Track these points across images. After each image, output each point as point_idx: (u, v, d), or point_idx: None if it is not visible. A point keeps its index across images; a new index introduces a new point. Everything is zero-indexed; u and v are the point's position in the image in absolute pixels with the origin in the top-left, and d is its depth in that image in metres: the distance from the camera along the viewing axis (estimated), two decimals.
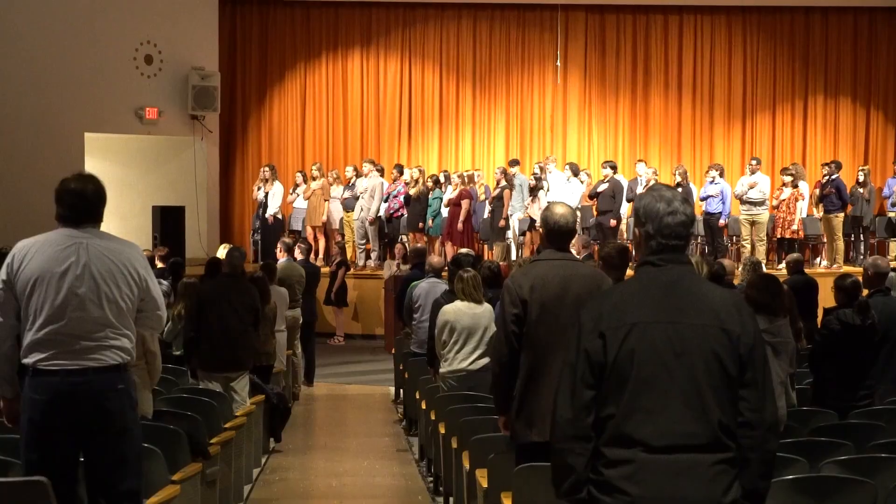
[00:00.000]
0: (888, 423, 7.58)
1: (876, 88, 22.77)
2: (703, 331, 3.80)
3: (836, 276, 9.13)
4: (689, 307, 3.84)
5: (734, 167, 22.08)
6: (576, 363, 3.85)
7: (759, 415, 3.80)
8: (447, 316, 9.16)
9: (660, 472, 3.70)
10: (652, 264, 3.95)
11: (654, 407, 3.74)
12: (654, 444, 3.71)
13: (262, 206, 20.13)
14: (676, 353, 3.77)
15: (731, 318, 3.84)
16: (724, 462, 3.76)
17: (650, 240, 3.97)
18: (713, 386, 3.77)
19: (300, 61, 22.78)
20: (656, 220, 3.95)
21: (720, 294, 3.97)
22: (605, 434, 3.78)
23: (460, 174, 19.90)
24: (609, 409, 3.79)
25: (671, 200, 3.98)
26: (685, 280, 3.93)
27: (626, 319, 3.82)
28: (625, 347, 3.78)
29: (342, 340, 18.93)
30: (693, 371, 3.76)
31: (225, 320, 9.72)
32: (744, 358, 3.81)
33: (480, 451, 6.89)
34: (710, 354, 3.78)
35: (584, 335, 3.86)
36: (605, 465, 3.77)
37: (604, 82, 22.82)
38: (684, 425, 3.73)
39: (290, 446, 11.32)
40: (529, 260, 8.61)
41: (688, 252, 4.11)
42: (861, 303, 8.53)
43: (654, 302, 3.85)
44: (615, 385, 3.78)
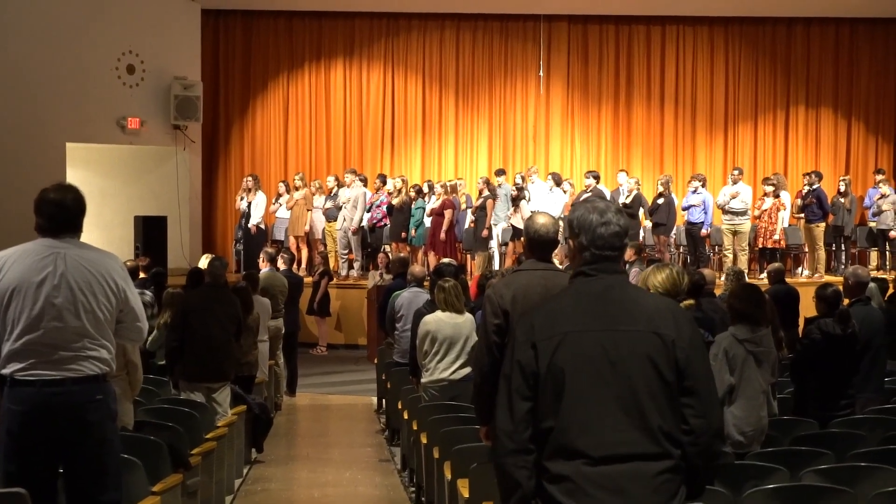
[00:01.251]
0: (869, 432, 7.62)
1: (857, 99, 22.87)
2: (636, 337, 3.79)
3: (817, 286, 9.15)
4: (621, 314, 3.83)
5: (716, 177, 22.14)
6: (510, 375, 3.84)
7: (703, 421, 3.78)
8: (428, 326, 9.17)
9: (602, 485, 3.67)
10: (584, 274, 3.94)
11: (591, 417, 3.72)
12: (595, 455, 3.68)
13: (244, 216, 20.09)
14: (611, 360, 3.76)
15: (665, 323, 3.83)
16: (667, 471, 3.73)
17: (584, 251, 3.96)
18: (650, 392, 3.75)
19: (283, 71, 22.77)
20: (589, 231, 3.94)
21: (654, 301, 3.99)
22: (547, 448, 3.76)
23: (443, 184, 19.89)
24: (548, 422, 3.76)
25: (604, 212, 3.97)
26: (617, 288, 3.92)
27: (558, 329, 3.80)
28: (557, 357, 3.76)
29: (325, 350, 18.90)
30: (629, 378, 3.75)
31: (207, 330, 9.72)
32: (681, 364, 3.79)
33: (462, 461, 6.88)
34: (645, 360, 3.76)
35: (518, 347, 3.84)
36: (548, 480, 3.74)
37: (586, 92, 22.86)
38: (624, 434, 3.71)
39: (272, 457, 11.28)
40: (511, 270, 8.61)
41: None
42: (842, 312, 8.55)
43: (586, 311, 3.84)
44: (551, 396, 3.76)
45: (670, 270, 6.41)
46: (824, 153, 22.78)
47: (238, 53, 22.72)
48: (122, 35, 19.93)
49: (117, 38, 19.86)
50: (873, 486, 5.97)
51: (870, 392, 9.12)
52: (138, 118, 20.03)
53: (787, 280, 14.24)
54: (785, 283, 13.66)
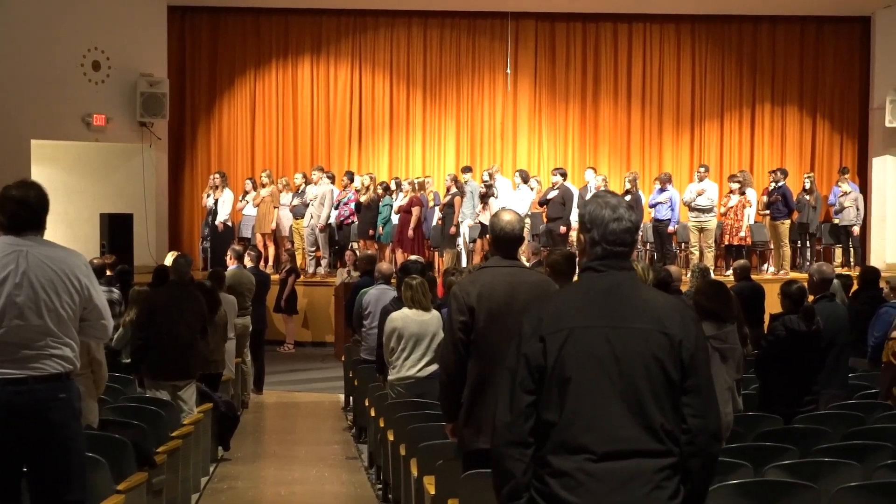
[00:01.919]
0: (832, 428, 7.66)
1: (822, 97, 22.99)
2: (643, 335, 3.78)
3: (782, 283, 9.19)
4: (629, 311, 3.83)
5: (683, 174, 22.21)
6: (516, 368, 3.82)
7: (702, 420, 3.78)
8: (395, 323, 9.17)
9: (604, 481, 3.67)
10: (594, 270, 3.93)
11: (595, 413, 3.72)
12: (598, 450, 3.68)
13: (211, 213, 20.03)
14: (617, 357, 3.75)
15: (672, 322, 3.83)
16: (668, 468, 3.74)
17: (595, 245, 3.95)
18: (654, 391, 3.75)
19: (250, 68, 22.69)
20: (601, 226, 3.94)
21: (662, 299, 3.98)
22: (549, 442, 3.75)
23: (411, 181, 19.88)
24: (551, 416, 3.75)
25: (616, 207, 3.97)
26: (626, 285, 3.92)
27: (566, 324, 3.79)
28: (564, 352, 3.75)
29: (292, 348, 18.85)
30: (634, 376, 3.75)
31: (173, 328, 9.68)
32: (686, 363, 3.80)
33: (428, 458, 6.89)
34: (651, 359, 3.76)
35: (525, 339, 3.82)
36: (550, 474, 3.73)
37: (554, 90, 22.90)
38: (627, 430, 3.71)
39: (238, 454, 11.26)
40: (477, 267, 8.62)
41: (632, 259, 4.12)
42: (806, 309, 8.60)
43: (594, 306, 3.83)
44: (556, 391, 3.75)
45: (636, 266, 6.43)
46: (790, 151, 22.90)
47: (204, 50, 22.63)
48: (88, 31, 19.83)
49: (83, 34, 19.76)
50: (836, 481, 6.00)
51: (834, 388, 9.18)
52: (104, 115, 19.93)
53: (752, 277, 14.31)
54: (750, 279, 13.72)
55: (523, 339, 3.84)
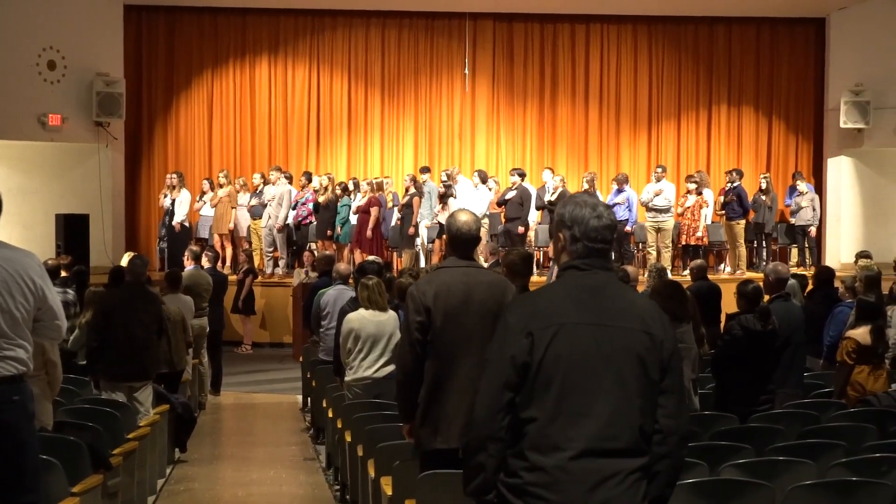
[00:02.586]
0: (787, 426, 7.71)
1: (778, 98, 23.15)
2: (630, 334, 3.82)
3: (738, 283, 9.25)
4: (615, 311, 3.86)
5: (640, 175, 22.31)
6: (499, 363, 3.82)
7: (675, 422, 3.83)
8: (352, 324, 9.17)
9: (580, 480, 3.69)
10: (577, 268, 3.94)
11: (580, 410, 3.73)
12: (578, 448, 3.70)
13: (168, 213, 19.95)
14: (604, 355, 3.78)
15: (654, 323, 3.87)
16: (641, 469, 3.78)
17: (576, 242, 3.96)
18: (638, 391, 3.79)
19: (207, 68, 22.58)
20: (582, 223, 3.95)
21: (643, 300, 4.04)
22: (528, 437, 3.76)
23: (369, 181, 19.88)
24: (532, 412, 3.76)
25: (596, 206, 4.00)
26: (611, 285, 3.95)
27: (555, 319, 3.80)
28: (552, 348, 3.76)
29: (250, 349, 18.80)
30: (620, 375, 3.77)
31: (129, 329, 9.64)
32: (665, 364, 3.84)
33: (385, 459, 6.89)
34: (635, 358, 3.80)
35: (511, 335, 3.82)
36: (526, 469, 3.74)
37: (512, 90, 22.93)
38: (609, 429, 3.73)
39: (195, 456, 11.20)
40: (434, 267, 8.62)
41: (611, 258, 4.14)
42: (762, 309, 8.66)
43: (582, 304, 3.85)
44: (540, 387, 3.76)
45: None
46: (746, 151, 23.04)
47: (161, 50, 22.49)
48: (43, 31, 19.65)
49: (38, 33, 19.58)
50: (791, 480, 6.05)
51: (790, 387, 9.25)
52: (59, 115, 19.77)
53: (709, 277, 14.41)
54: (707, 279, 13.80)
55: (509, 334, 3.84)
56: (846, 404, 8.92)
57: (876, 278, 10.91)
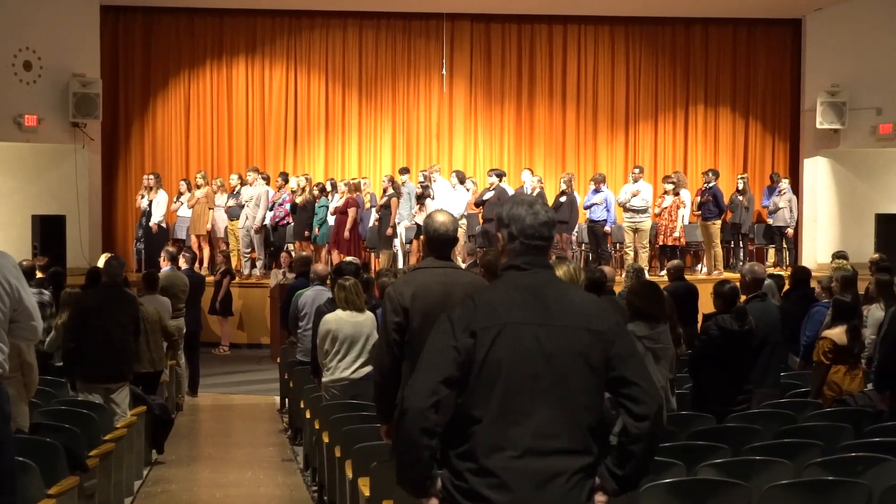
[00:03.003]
0: (764, 426, 7.74)
1: (754, 98, 23.23)
2: (572, 333, 3.82)
3: (715, 283, 9.27)
4: (557, 310, 3.86)
5: (617, 175, 22.36)
6: (438, 359, 3.80)
7: (645, 406, 3.82)
8: (329, 325, 9.16)
9: (526, 480, 3.69)
10: (518, 268, 3.95)
11: (523, 410, 3.74)
12: (523, 447, 3.71)
13: (145, 214, 19.89)
14: (546, 355, 3.78)
15: (598, 319, 3.88)
16: (586, 468, 3.79)
17: (513, 241, 3.97)
18: (581, 389, 3.80)
19: (184, 69, 22.51)
20: (519, 221, 3.97)
21: (586, 297, 4.04)
22: (474, 438, 3.76)
23: (347, 182, 19.86)
24: (476, 412, 3.76)
25: (533, 203, 4.01)
26: (552, 284, 3.96)
27: (499, 320, 3.80)
28: (494, 348, 3.76)
29: (227, 350, 18.75)
30: (562, 374, 3.78)
31: (106, 331, 9.60)
32: (614, 359, 3.84)
33: (363, 460, 6.89)
34: (578, 357, 3.80)
35: (455, 332, 3.81)
36: (472, 472, 3.74)
37: (489, 91, 22.94)
38: (553, 428, 3.74)
39: (172, 458, 11.16)
40: (412, 268, 8.63)
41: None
42: (739, 309, 8.68)
43: (523, 304, 3.85)
44: (484, 387, 3.76)
45: (567, 267, 6.47)
46: (723, 152, 23.12)
47: (138, 50, 22.41)
48: (19, 31, 19.55)
49: (14, 33, 19.47)
50: (767, 479, 6.07)
51: (766, 387, 9.27)
52: (36, 116, 19.66)
53: (686, 277, 14.42)
54: (684, 279, 13.82)
55: (454, 330, 3.83)
56: (822, 404, 8.95)
57: (852, 278, 10.94)
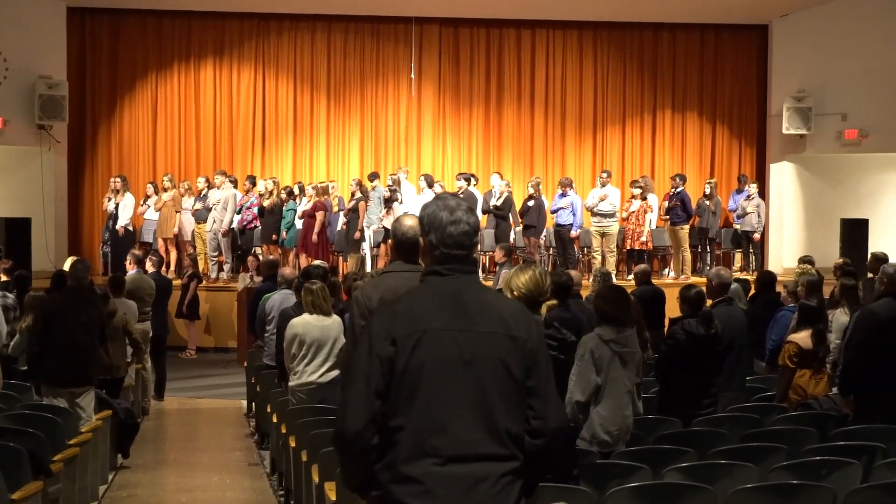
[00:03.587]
0: (730, 430, 7.79)
1: (721, 103, 23.33)
2: (491, 338, 3.82)
3: (681, 287, 9.30)
4: (476, 315, 3.85)
5: (585, 179, 22.39)
6: (368, 371, 3.79)
7: (543, 422, 3.84)
8: (296, 329, 9.14)
9: (451, 486, 3.69)
10: (438, 273, 3.93)
11: (444, 417, 3.73)
12: (445, 454, 3.70)
13: (112, 217, 19.79)
14: (465, 361, 3.77)
15: (517, 325, 3.87)
16: (511, 472, 3.79)
17: (434, 249, 3.95)
18: (501, 394, 3.80)
19: (152, 71, 22.41)
20: (439, 229, 3.94)
21: (506, 302, 4.06)
22: (396, 447, 3.75)
23: (315, 186, 19.82)
24: (398, 420, 3.75)
25: (454, 209, 3.97)
26: (471, 289, 3.94)
27: (418, 326, 3.79)
28: (415, 355, 3.75)
29: (194, 353, 18.67)
30: (482, 379, 3.78)
31: (71, 334, 9.53)
32: (529, 366, 3.85)
33: (329, 464, 6.88)
34: (497, 362, 3.80)
35: (376, 342, 3.80)
36: (394, 481, 3.73)
37: (458, 95, 22.95)
38: (474, 434, 3.74)
39: (138, 462, 11.12)
40: (380, 272, 8.62)
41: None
42: (705, 313, 8.71)
43: (444, 310, 3.84)
44: (405, 395, 3.75)
45: (533, 272, 6.47)
46: (690, 157, 23.21)
47: (105, 52, 22.29)
48: None
49: None
50: (732, 483, 6.11)
51: (732, 391, 9.33)
52: (1, 117, 19.58)
53: (653, 281, 14.47)
54: (651, 284, 13.85)
55: (374, 341, 3.81)
56: (788, 408, 9.01)
57: (817, 283, 11.02)
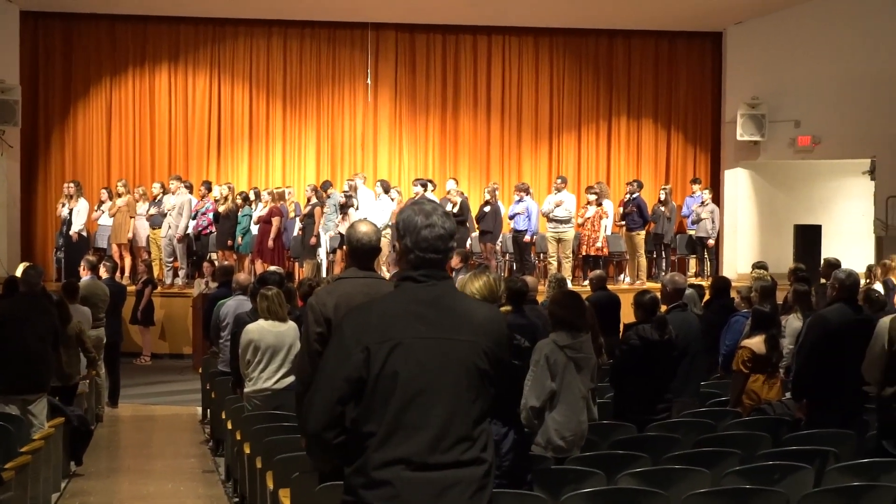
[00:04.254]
0: (684, 435, 7.82)
1: (676, 110, 23.49)
2: (466, 346, 3.83)
3: (636, 293, 9.34)
4: (452, 323, 3.86)
5: (541, 186, 22.45)
6: (334, 378, 3.80)
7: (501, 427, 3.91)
8: (251, 335, 9.11)
9: (421, 491, 3.70)
10: (414, 280, 3.93)
11: (418, 423, 3.74)
12: (418, 460, 3.71)
13: (66, 223, 19.62)
14: (441, 368, 3.79)
15: (492, 334, 3.90)
16: (483, 476, 3.81)
17: (408, 253, 3.95)
18: (474, 401, 3.82)
19: (106, 76, 22.28)
20: (414, 233, 3.94)
21: (481, 310, 4.04)
22: (367, 452, 3.76)
23: (270, 191, 19.78)
24: (370, 426, 3.76)
25: (430, 214, 3.97)
26: (448, 296, 3.95)
27: (392, 334, 3.79)
28: (389, 363, 3.76)
29: (149, 360, 18.54)
30: (457, 386, 3.79)
31: (22, 341, 9.43)
32: (501, 373, 3.90)
33: (284, 471, 6.86)
34: (473, 370, 3.82)
35: (347, 349, 3.81)
36: (365, 486, 3.74)
37: (414, 101, 22.97)
38: (449, 441, 3.75)
39: (92, 470, 11.02)
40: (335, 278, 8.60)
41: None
42: (659, 318, 8.74)
43: (419, 317, 3.84)
44: (378, 402, 3.76)
45: (487, 277, 6.48)
46: (645, 163, 23.33)
47: (58, 57, 22.14)
48: None
49: None
50: (686, 488, 6.14)
51: (687, 396, 9.36)
52: None
53: (609, 287, 14.51)
54: (606, 289, 13.89)
55: (345, 348, 3.82)
56: (741, 413, 9.06)
57: (771, 288, 11.08)
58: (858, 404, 8.33)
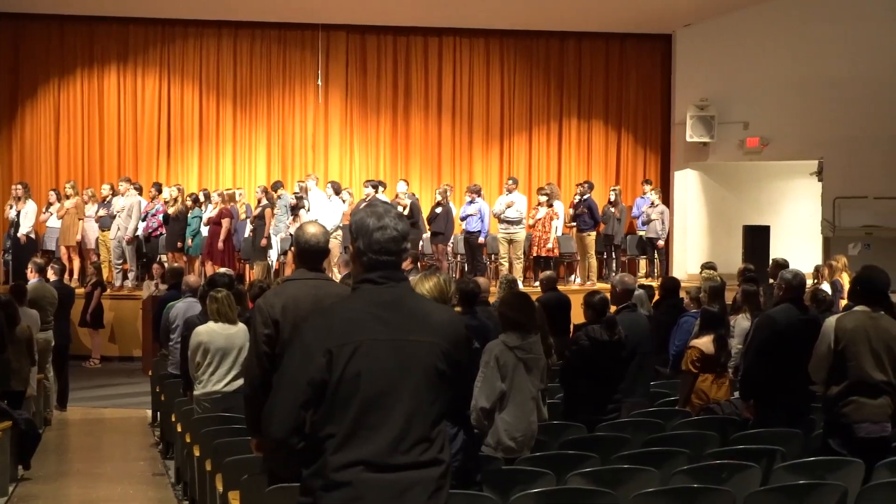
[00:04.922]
0: (633, 435, 7.86)
1: (626, 112, 23.60)
2: (426, 348, 3.85)
3: (585, 293, 9.37)
4: (413, 325, 3.88)
5: (493, 187, 22.50)
6: (297, 382, 3.81)
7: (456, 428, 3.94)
8: (201, 337, 9.06)
9: (381, 492, 3.72)
10: (373, 282, 3.94)
11: (378, 424, 3.76)
12: (379, 462, 3.73)
13: (13, 225, 19.43)
14: (402, 370, 3.81)
15: (451, 335, 3.93)
16: (442, 477, 3.84)
17: (362, 255, 3.96)
18: (434, 402, 3.85)
19: (54, 76, 22.10)
20: (367, 235, 3.95)
21: (440, 312, 4.07)
22: (326, 454, 3.77)
23: (221, 193, 19.69)
24: (329, 429, 3.77)
25: (382, 216, 3.97)
26: (407, 298, 3.97)
27: (353, 337, 3.81)
28: (351, 366, 3.77)
29: (98, 363, 18.42)
30: (417, 388, 3.82)
31: None
32: (458, 375, 3.93)
33: (234, 473, 6.84)
34: (432, 371, 3.84)
35: (309, 352, 3.82)
36: (324, 487, 3.76)
37: (365, 102, 22.94)
38: (408, 442, 3.77)
39: (40, 474, 10.92)
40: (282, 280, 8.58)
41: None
42: (609, 319, 8.79)
43: (379, 320, 3.86)
44: (339, 404, 3.77)
45: (438, 279, 6.47)
46: (596, 164, 23.44)
47: (5, 57, 21.93)
48: None
49: None
50: (635, 487, 6.17)
51: (637, 396, 9.40)
52: None
53: (560, 288, 14.56)
54: (557, 290, 13.93)
55: (306, 351, 3.83)
56: (690, 412, 9.12)
57: (720, 289, 11.15)
58: (805, 404, 8.41)
